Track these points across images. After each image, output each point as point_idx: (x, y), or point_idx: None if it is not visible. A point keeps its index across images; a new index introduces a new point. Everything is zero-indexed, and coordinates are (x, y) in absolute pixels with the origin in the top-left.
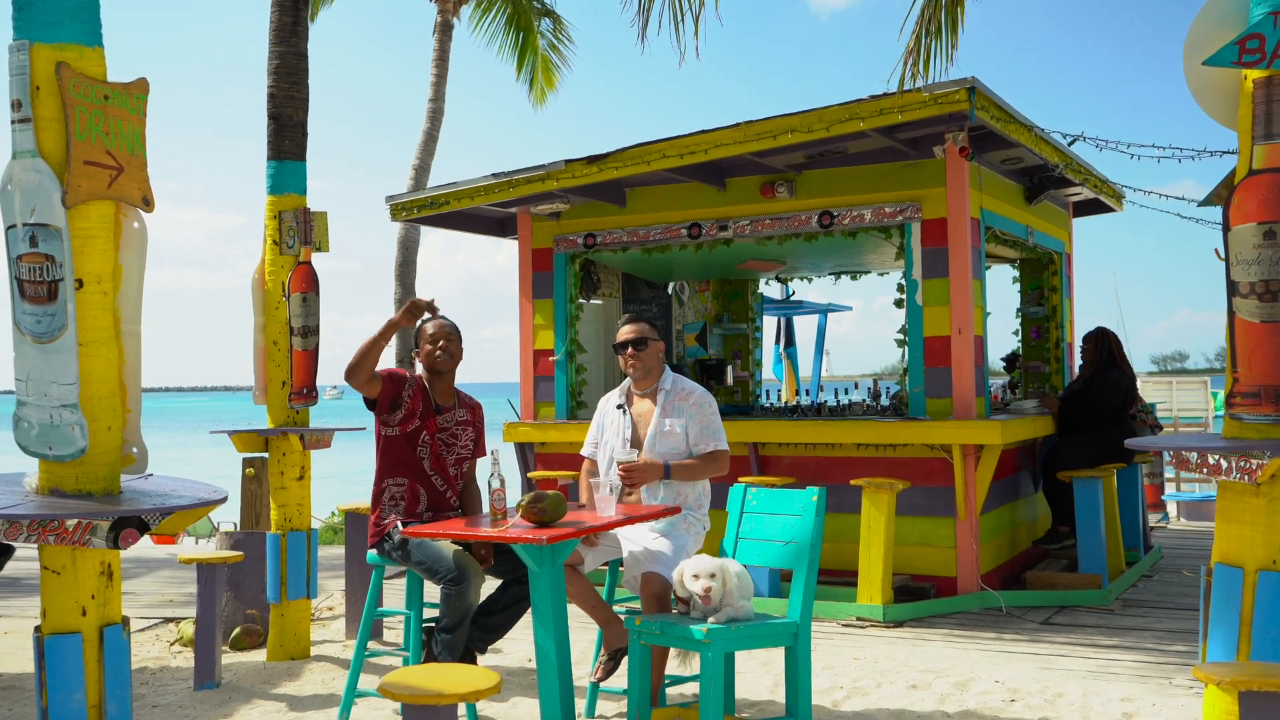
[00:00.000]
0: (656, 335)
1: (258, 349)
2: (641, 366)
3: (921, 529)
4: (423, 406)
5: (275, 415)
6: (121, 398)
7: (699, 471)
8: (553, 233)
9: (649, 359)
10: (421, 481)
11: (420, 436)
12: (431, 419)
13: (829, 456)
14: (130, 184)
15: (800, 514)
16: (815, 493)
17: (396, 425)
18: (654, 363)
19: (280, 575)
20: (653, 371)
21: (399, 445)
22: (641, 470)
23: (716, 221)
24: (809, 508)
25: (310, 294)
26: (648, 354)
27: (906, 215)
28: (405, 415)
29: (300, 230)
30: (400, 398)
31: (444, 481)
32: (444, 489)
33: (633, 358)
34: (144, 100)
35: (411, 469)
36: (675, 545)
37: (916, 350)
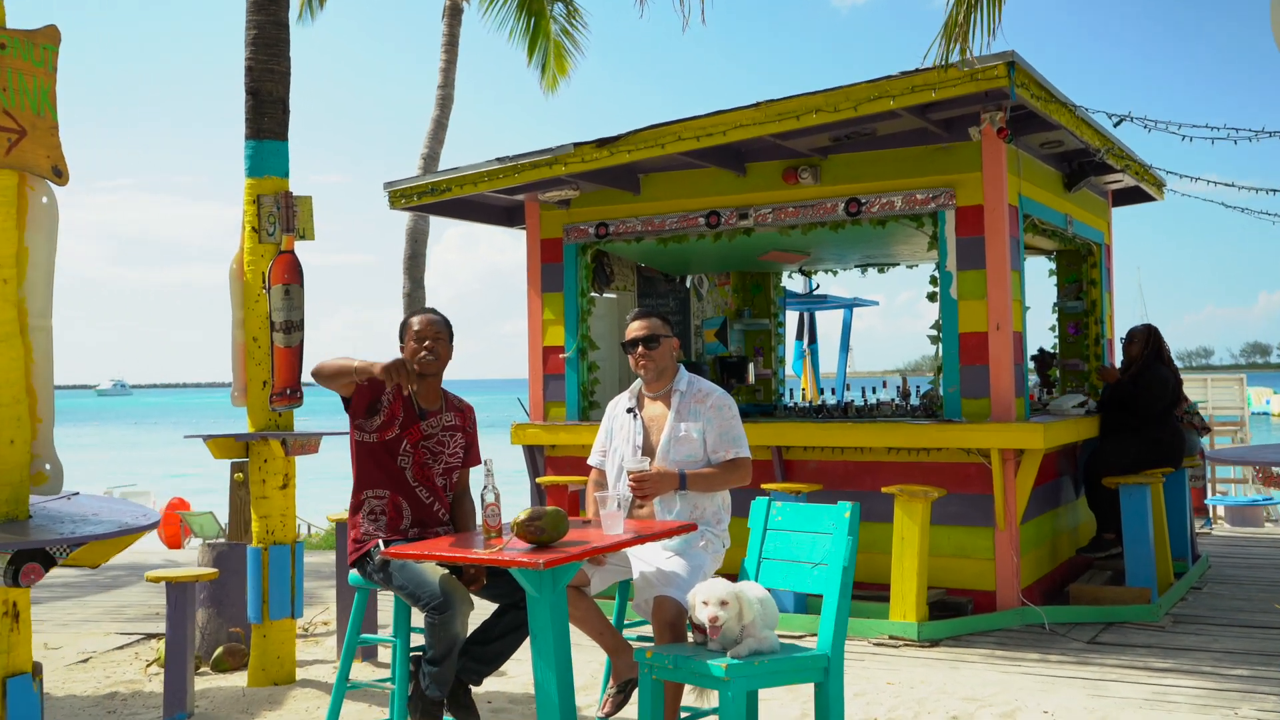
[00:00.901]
0: (670, 331)
1: (236, 346)
2: (654, 366)
3: (957, 539)
4: (404, 413)
5: (256, 418)
6: (29, 405)
7: (718, 481)
8: (562, 222)
9: (662, 358)
10: (404, 494)
11: (401, 445)
12: (414, 426)
13: (858, 461)
14: (36, 151)
15: (832, 532)
16: (848, 509)
17: (374, 432)
18: (667, 362)
19: (262, 593)
20: (666, 371)
21: (376, 453)
22: (654, 480)
23: (736, 209)
24: (841, 526)
25: (293, 286)
26: (660, 352)
27: (940, 202)
28: (384, 422)
29: (281, 216)
30: (378, 402)
31: (430, 494)
32: (430, 501)
33: (643, 357)
34: (54, 52)
35: (392, 480)
36: (691, 566)
37: (951, 347)
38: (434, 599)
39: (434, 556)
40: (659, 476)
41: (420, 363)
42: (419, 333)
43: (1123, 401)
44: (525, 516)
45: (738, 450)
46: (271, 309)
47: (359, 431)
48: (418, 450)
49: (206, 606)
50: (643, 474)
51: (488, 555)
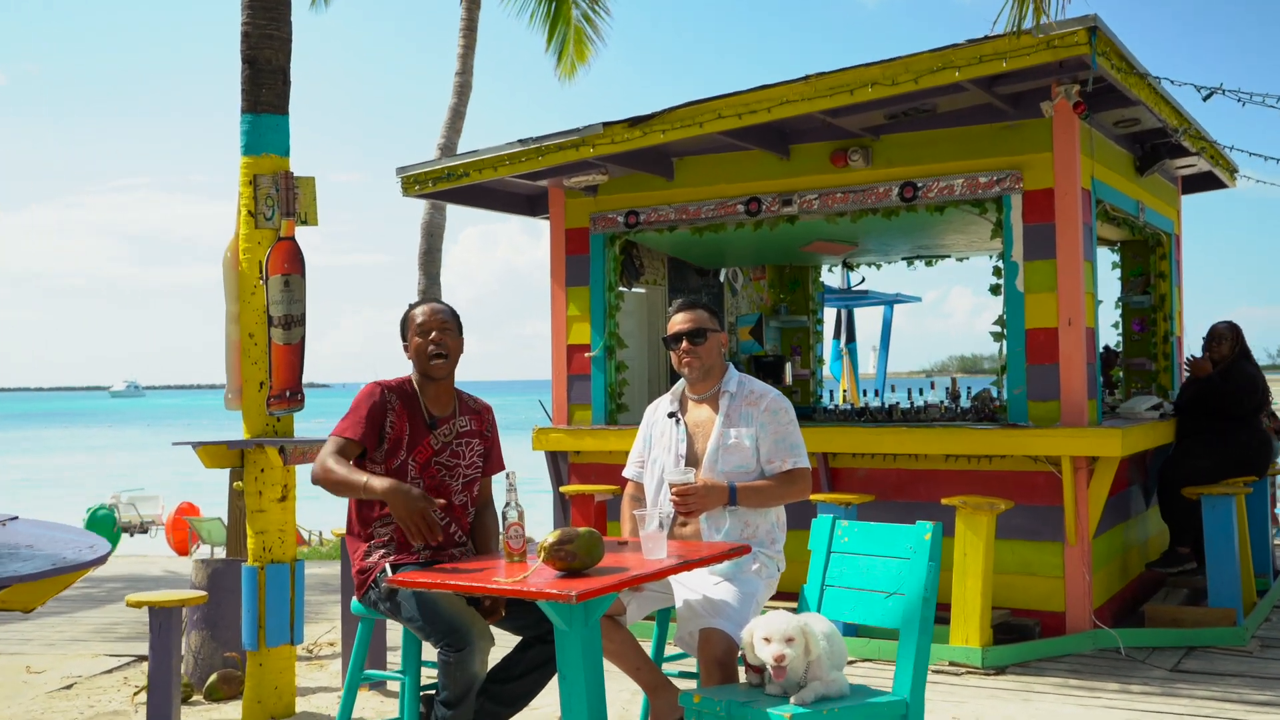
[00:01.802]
0: (718, 325)
1: (230, 343)
2: (699, 364)
3: (1023, 555)
4: (410, 428)
5: (252, 423)
6: None
7: (773, 495)
8: (589, 210)
9: (709, 354)
10: None
11: (407, 474)
12: (423, 441)
13: (912, 469)
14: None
15: (909, 556)
16: (928, 529)
17: (380, 461)
18: (715, 359)
19: (258, 617)
20: (713, 370)
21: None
22: (700, 495)
23: (779, 195)
24: (920, 549)
25: (294, 276)
26: (707, 348)
27: (1005, 186)
28: (390, 448)
29: (281, 199)
30: (384, 427)
31: (445, 513)
32: (445, 521)
33: (688, 354)
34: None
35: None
36: (742, 594)
37: (1017, 345)
38: (449, 634)
39: (448, 586)
40: (706, 490)
41: (430, 364)
42: (424, 325)
43: (1206, 401)
44: (554, 539)
45: (795, 460)
46: (269, 302)
47: (370, 463)
48: (428, 471)
49: (200, 628)
50: (687, 487)
51: (510, 585)
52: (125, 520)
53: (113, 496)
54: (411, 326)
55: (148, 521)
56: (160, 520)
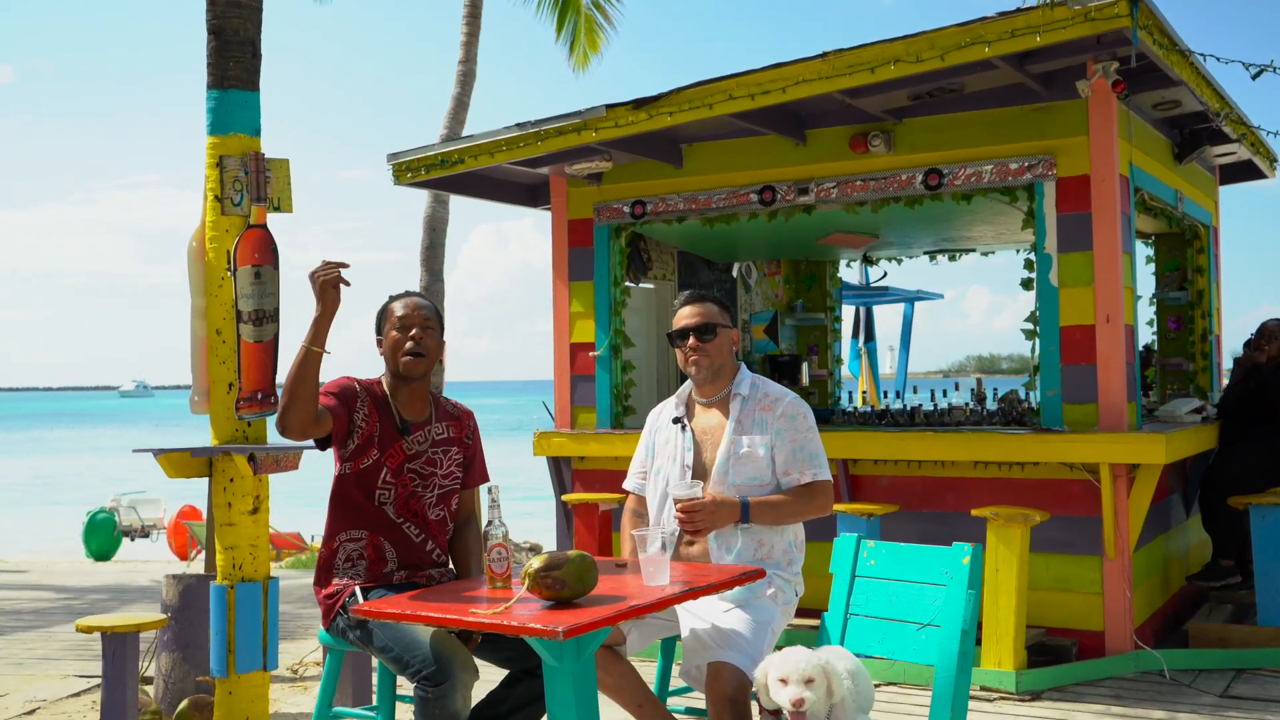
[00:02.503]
0: (729, 320)
1: (196, 341)
2: (708, 363)
3: (1058, 570)
4: (381, 428)
5: (220, 428)
6: None
7: (790, 512)
8: (593, 200)
9: (718, 352)
10: (387, 533)
11: (380, 474)
12: (395, 445)
13: (938, 477)
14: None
15: (946, 582)
16: (966, 551)
17: (348, 459)
18: (725, 358)
19: (227, 640)
20: (724, 371)
21: (349, 488)
22: (708, 511)
23: (795, 184)
24: (959, 575)
25: (265, 267)
26: (716, 346)
27: (1037, 172)
28: (359, 446)
29: (251, 182)
30: (353, 421)
31: (420, 529)
32: (421, 538)
33: (696, 351)
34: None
35: (371, 517)
36: (756, 623)
37: (1051, 343)
38: (426, 666)
39: (419, 618)
40: (714, 506)
41: (405, 363)
42: (403, 320)
43: (1253, 403)
44: (540, 565)
45: (815, 471)
46: (238, 295)
47: (339, 462)
48: (401, 478)
49: (171, 650)
50: (693, 502)
51: (490, 616)
52: (126, 524)
53: (113, 499)
54: (389, 320)
55: (149, 525)
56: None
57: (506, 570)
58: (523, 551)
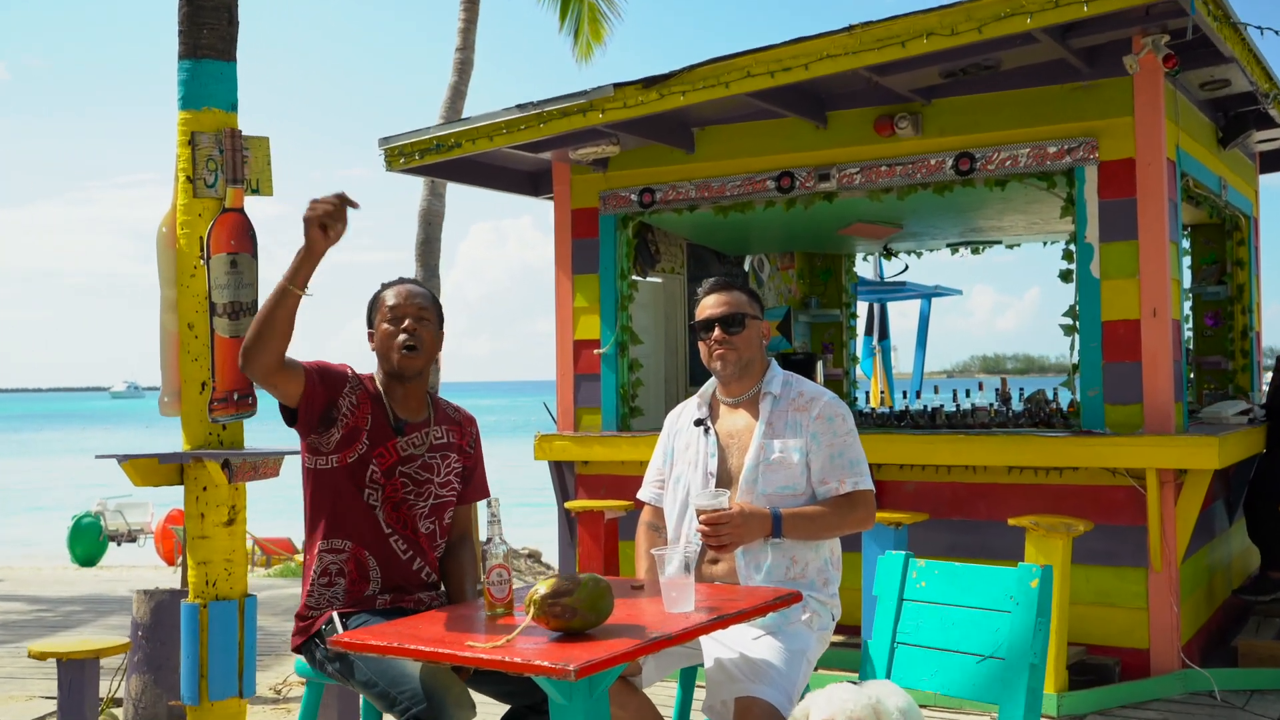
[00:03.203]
0: (759, 310)
1: (166, 335)
2: (735, 358)
3: (1100, 583)
4: (372, 422)
5: (192, 432)
6: None
7: (826, 525)
8: (598, 188)
9: (747, 346)
10: (373, 546)
11: (368, 471)
12: (388, 443)
13: (969, 483)
14: None
15: (1010, 608)
16: (1034, 573)
17: (331, 452)
18: (754, 352)
19: (199, 663)
20: (752, 366)
21: (334, 486)
22: (735, 524)
23: (815, 169)
24: (1025, 600)
25: (242, 255)
26: (745, 338)
27: (1078, 156)
28: (345, 435)
29: (226, 162)
30: (336, 406)
31: (409, 545)
32: (410, 556)
33: (722, 344)
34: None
35: (357, 525)
36: (789, 652)
37: (1092, 339)
38: (416, 703)
39: (408, 652)
40: (742, 518)
41: (401, 359)
42: (396, 310)
43: None
44: (547, 590)
45: (856, 480)
46: (211, 286)
47: (311, 454)
48: (392, 481)
49: (142, 672)
50: (719, 514)
51: (490, 651)
52: (112, 528)
53: (99, 503)
54: (380, 310)
55: (136, 530)
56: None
57: (508, 595)
58: (520, 559)
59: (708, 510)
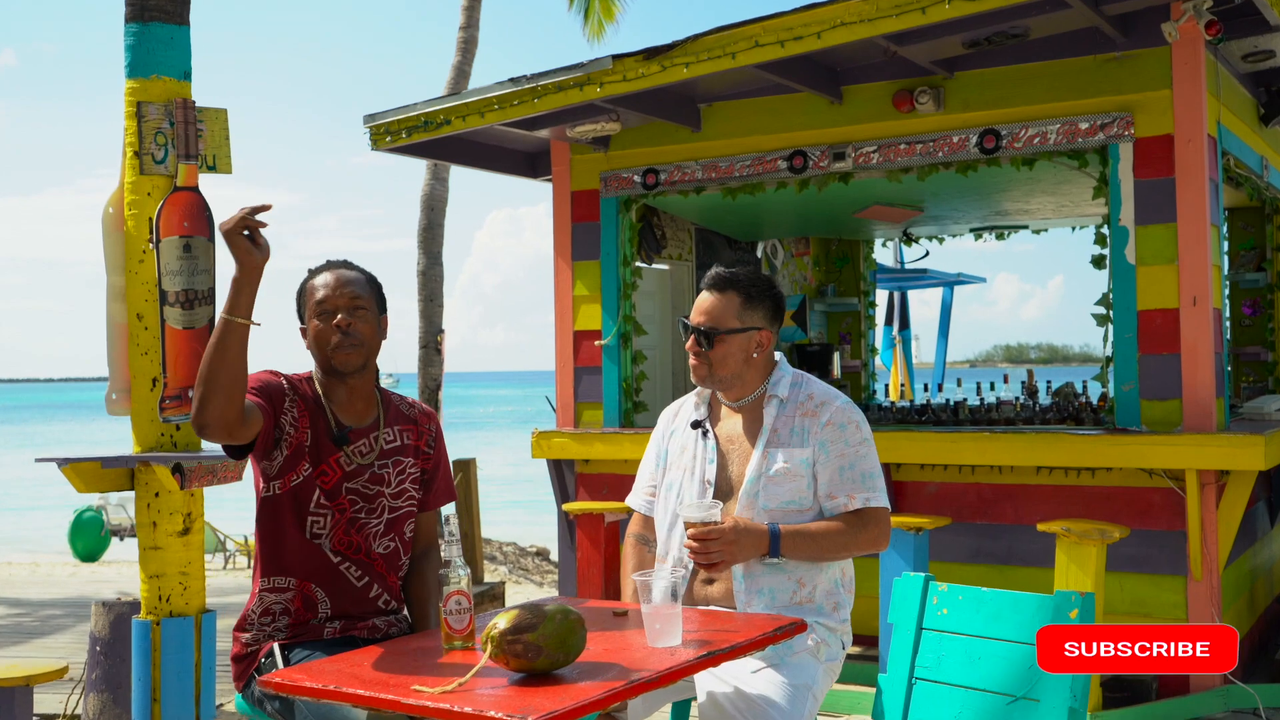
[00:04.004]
0: (758, 317)
1: (113, 327)
2: (708, 374)
3: (1135, 592)
4: (313, 436)
5: (142, 433)
6: None
7: (832, 545)
8: (599, 168)
9: (723, 363)
10: (322, 578)
11: (312, 498)
12: (330, 459)
13: (995, 484)
14: None
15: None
16: (1074, 602)
17: (275, 476)
18: (734, 368)
19: (150, 688)
20: (741, 379)
21: (277, 515)
22: (727, 541)
23: (830, 148)
24: None
25: (197, 239)
26: (720, 355)
27: (1112, 132)
28: (288, 457)
29: (178, 135)
30: (280, 426)
31: (364, 569)
32: (364, 582)
33: (695, 356)
34: None
35: (302, 557)
36: (793, 687)
37: (1126, 330)
38: None
39: (342, 696)
40: (735, 534)
41: (335, 354)
42: (325, 302)
43: None
44: (508, 624)
45: (868, 496)
46: (162, 272)
47: (263, 479)
48: (338, 502)
49: (99, 690)
50: (709, 528)
51: (437, 697)
52: (115, 523)
53: (100, 497)
54: (310, 303)
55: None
56: None
57: (468, 625)
58: (528, 557)
59: (697, 522)
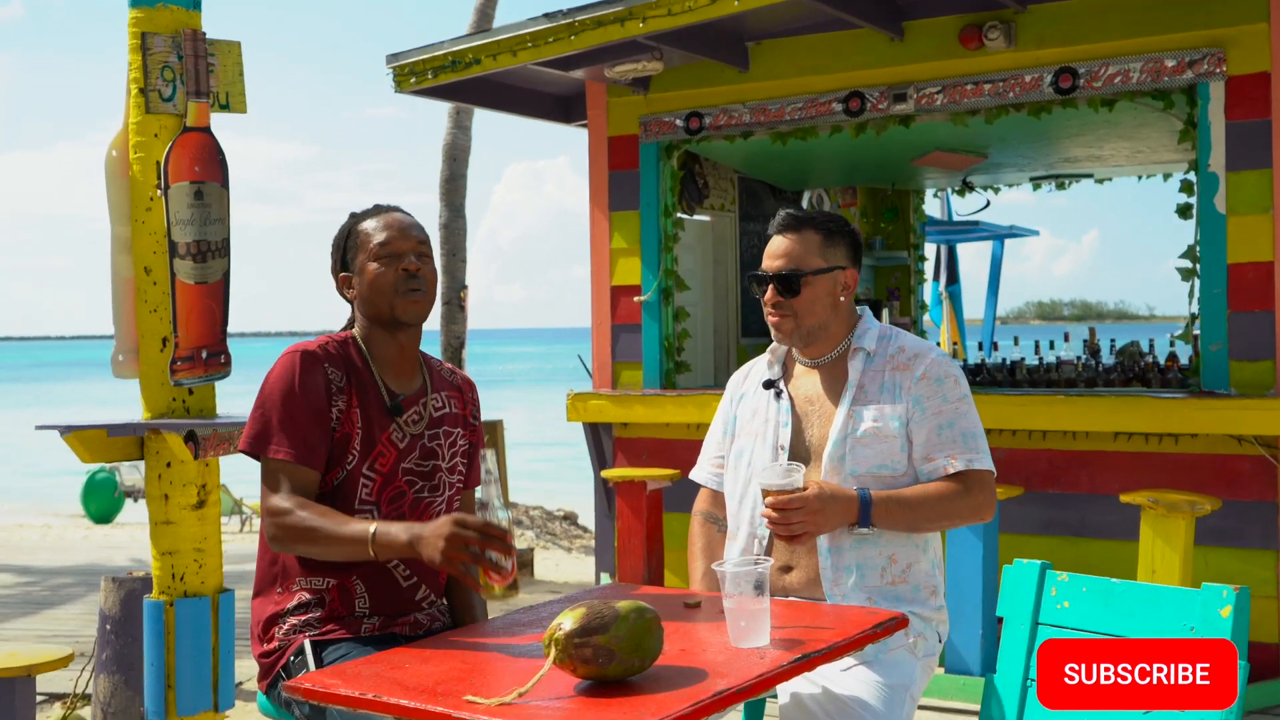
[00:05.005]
0: (842, 255)
1: (119, 281)
2: (794, 328)
3: (1222, 567)
4: (363, 416)
5: (152, 398)
6: None
7: (933, 513)
8: (638, 112)
9: (810, 311)
10: (366, 574)
11: (357, 494)
12: (382, 437)
13: (1068, 451)
14: None
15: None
16: (1228, 598)
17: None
18: (822, 316)
19: (164, 672)
20: (826, 330)
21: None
22: (811, 509)
23: (889, 88)
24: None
25: (210, 184)
26: (806, 301)
27: (1201, 70)
28: (338, 440)
29: (188, 70)
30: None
31: (413, 567)
32: (410, 581)
33: (776, 309)
34: None
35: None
36: (888, 688)
37: (1215, 285)
38: None
39: (380, 707)
40: (820, 501)
41: (401, 304)
42: (388, 245)
43: None
44: (575, 625)
45: (970, 457)
46: (171, 222)
47: None
48: (393, 486)
49: (110, 672)
50: (791, 496)
51: (494, 711)
52: (128, 484)
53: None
54: (364, 247)
55: None
56: None
57: (511, 574)
58: (556, 521)
59: (776, 490)
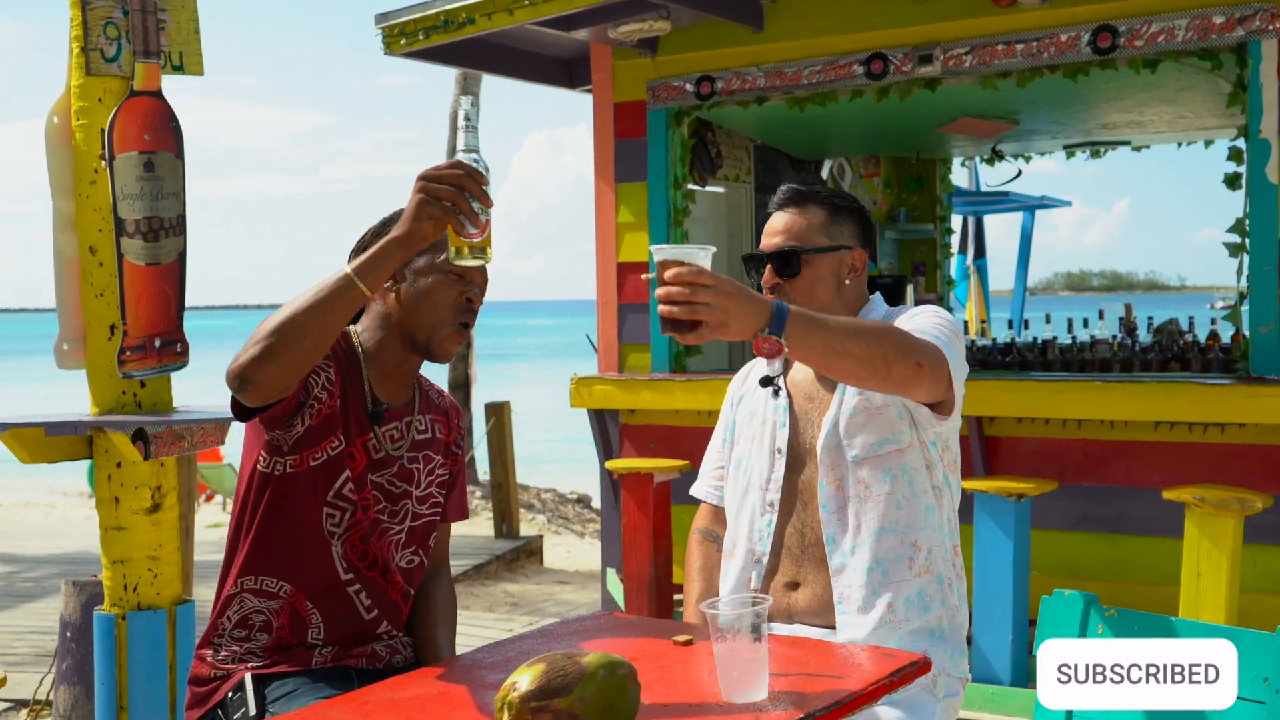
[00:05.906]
0: (846, 233)
1: (61, 262)
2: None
3: (1270, 566)
4: (344, 411)
5: (100, 391)
6: None
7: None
8: (646, 76)
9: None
10: (321, 596)
11: (339, 481)
12: (358, 440)
13: (1105, 441)
14: None
15: (1266, 698)
16: None
17: (290, 450)
18: (824, 299)
19: (116, 691)
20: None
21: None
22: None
23: (914, 49)
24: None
25: (161, 154)
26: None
27: (1253, 27)
28: (315, 427)
29: (134, 27)
30: (308, 389)
31: (375, 595)
32: (372, 615)
33: (774, 292)
34: None
35: (301, 564)
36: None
37: (1266, 261)
38: None
39: None
40: (732, 285)
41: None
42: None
43: None
44: (532, 685)
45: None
46: (118, 196)
47: (268, 453)
48: (364, 493)
49: (70, 683)
50: (693, 268)
51: None
52: None
53: None
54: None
55: None
56: None
57: (484, 230)
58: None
59: (674, 262)
